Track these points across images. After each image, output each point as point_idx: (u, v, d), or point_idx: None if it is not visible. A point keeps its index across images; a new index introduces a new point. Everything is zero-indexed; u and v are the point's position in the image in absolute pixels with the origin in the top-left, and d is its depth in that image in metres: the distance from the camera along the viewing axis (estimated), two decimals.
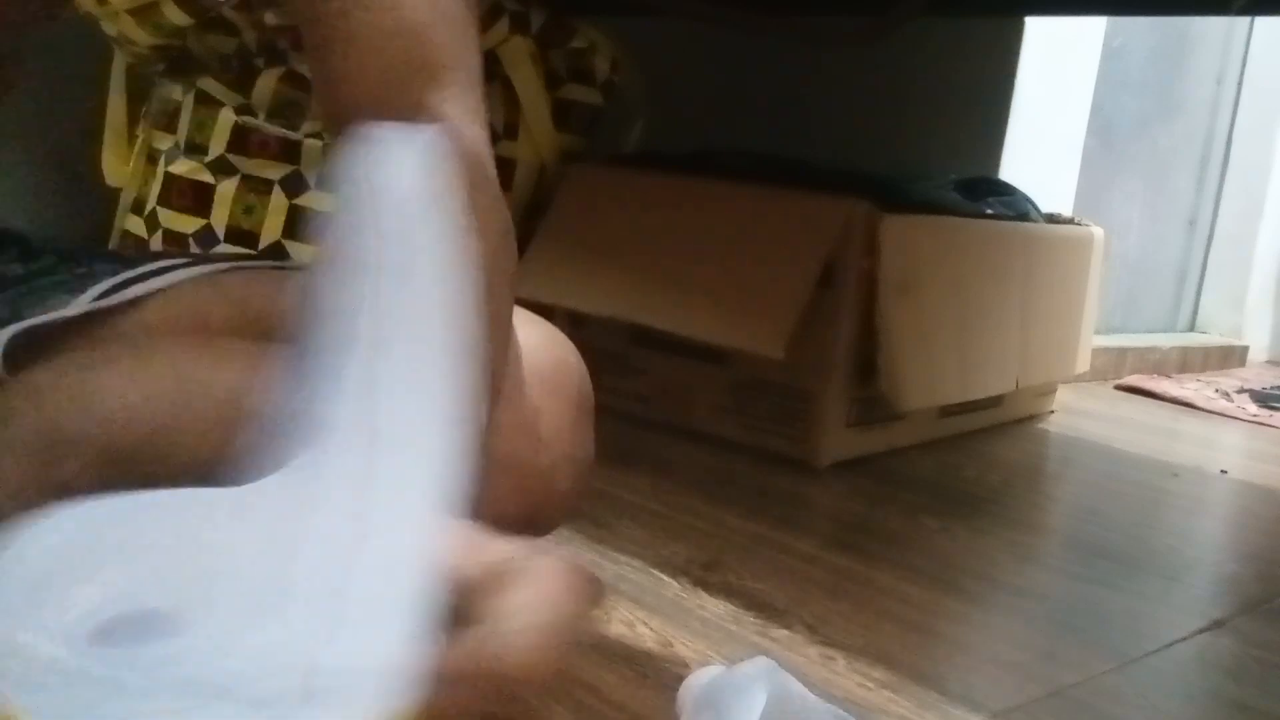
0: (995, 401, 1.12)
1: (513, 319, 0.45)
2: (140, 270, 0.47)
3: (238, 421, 0.29)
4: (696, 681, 0.42)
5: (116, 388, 0.41)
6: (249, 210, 0.87)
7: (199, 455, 0.41)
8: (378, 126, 0.28)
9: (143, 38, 0.96)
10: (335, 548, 0.27)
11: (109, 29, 0.99)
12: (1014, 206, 1.15)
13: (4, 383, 0.42)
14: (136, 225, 1.02)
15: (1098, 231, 1.25)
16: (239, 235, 0.86)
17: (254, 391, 0.35)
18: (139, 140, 1.05)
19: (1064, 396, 1.29)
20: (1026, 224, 1.15)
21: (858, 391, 0.93)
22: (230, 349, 0.44)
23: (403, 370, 0.29)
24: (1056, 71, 1.48)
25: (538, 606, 0.28)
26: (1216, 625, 0.67)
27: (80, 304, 0.45)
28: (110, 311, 0.45)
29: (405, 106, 0.41)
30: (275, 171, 0.87)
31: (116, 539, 0.28)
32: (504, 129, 1.06)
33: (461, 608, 0.27)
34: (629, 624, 0.56)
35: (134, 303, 0.46)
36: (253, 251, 0.73)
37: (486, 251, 0.39)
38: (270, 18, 0.93)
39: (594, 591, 0.30)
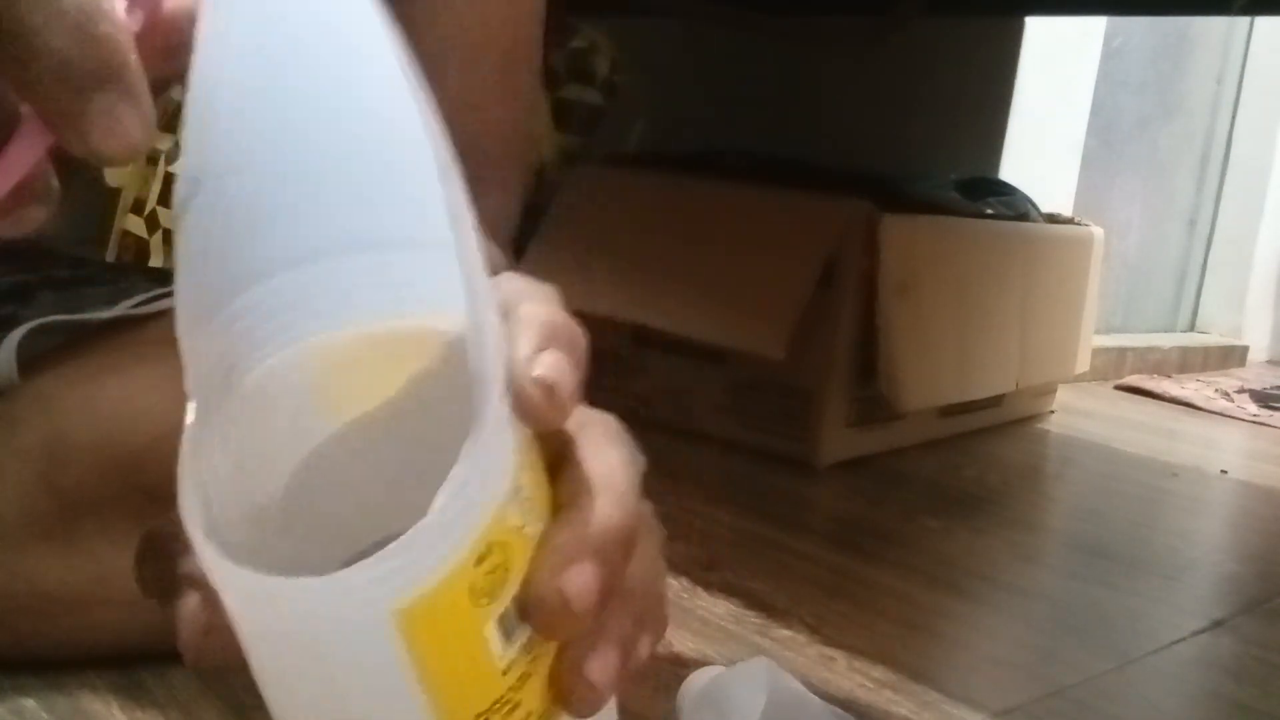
0: (995, 401, 1.12)
1: None
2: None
3: None
4: (696, 681, 0.42)
5: (120, 396, 0.41)
6: None
7: None
8: None
9: None
10: None
11: None
12: (1014, 206, 1.15)
13: (15, 388, 0.42)
14: (136, 225, 1.02)
15: (1097, 231, 1.25)
16: None
17: None
18: None
19: (1064, 396, 1.29)
20: (1026, 224, 1.15)
21: (858, 391, 0.93)
22: None
23: None
24: (1056, 71, 1.48)
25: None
26: (1216, 625, 0.67)
27: (112, 311, 0.45)
28: (134, 322, 0.45)
29: None
30: None
31: None
32: None
33: None
34: None
35: (158, 315, 0.46)
36: None
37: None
38: None
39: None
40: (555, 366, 0.25)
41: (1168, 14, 1.63)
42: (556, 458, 0.27)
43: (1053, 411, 1.26)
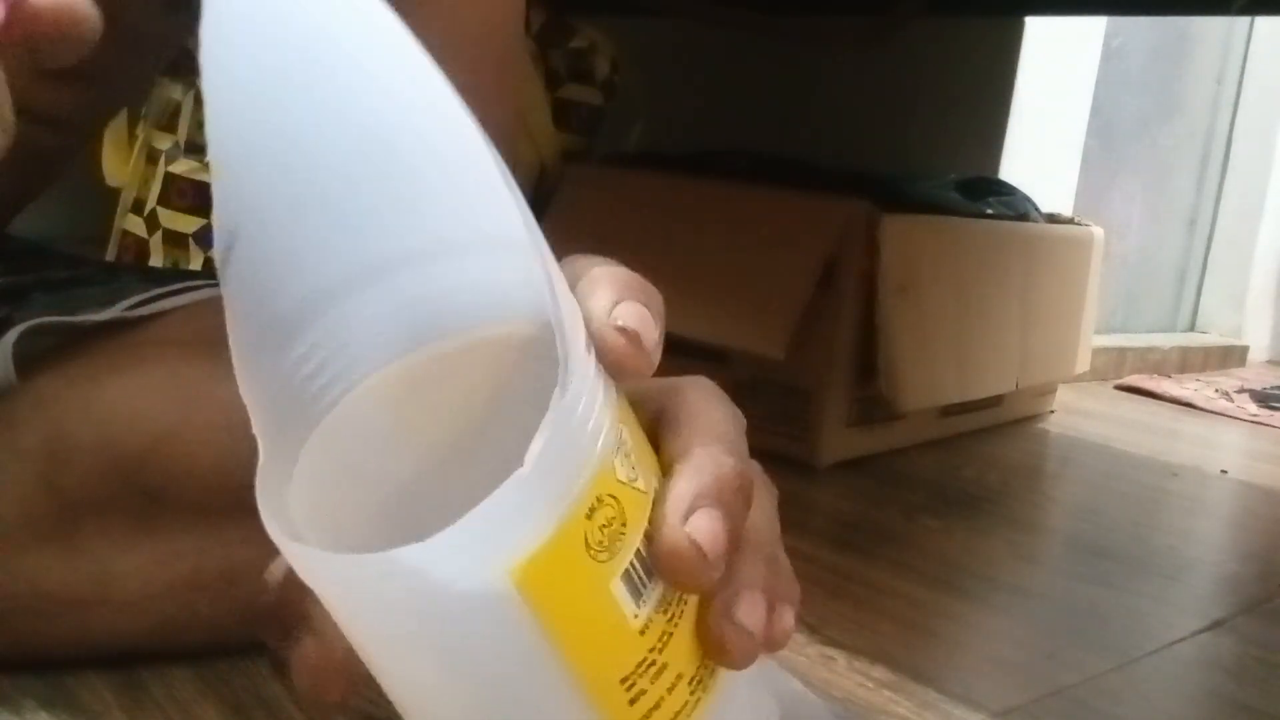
0: (995, 401, 1.12)
1: None
2: (171, 287, 0.48)
3: (238, 430, 0.29)
4: None
5: (121, 397, 0.41)
6: None
7: (200, 464, 0.41)
8: None
9: None
10: None
11: None
12: (1014, 206, 1.15)
13: (14, 390, 0.42)
14: (136, 225, 1.02)
15: (1098, 231, 1.25)
16: None
17: None
18: (139, 140, 1.05)
19: (1064, 396, 1.29)
20: (1026, 224, 1.15)
21: (858, 391, 0.93)
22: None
23: None
24: (1056, 71, 1.48)
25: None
26: (1216, 625, 0.67)
27: (107, 313, 0.45)
28: (132, 323, 0.45)
29: None
30: None
31: None
32: None
33: None
34: None
35: (156, 316, 0.46)
36: None
37: None
38: None
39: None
40: (635, 315, 0.26)
41: (1168, 14, 1.63)
42: (659, 418, 0.27)
43: (1053, 411, 1.26)
